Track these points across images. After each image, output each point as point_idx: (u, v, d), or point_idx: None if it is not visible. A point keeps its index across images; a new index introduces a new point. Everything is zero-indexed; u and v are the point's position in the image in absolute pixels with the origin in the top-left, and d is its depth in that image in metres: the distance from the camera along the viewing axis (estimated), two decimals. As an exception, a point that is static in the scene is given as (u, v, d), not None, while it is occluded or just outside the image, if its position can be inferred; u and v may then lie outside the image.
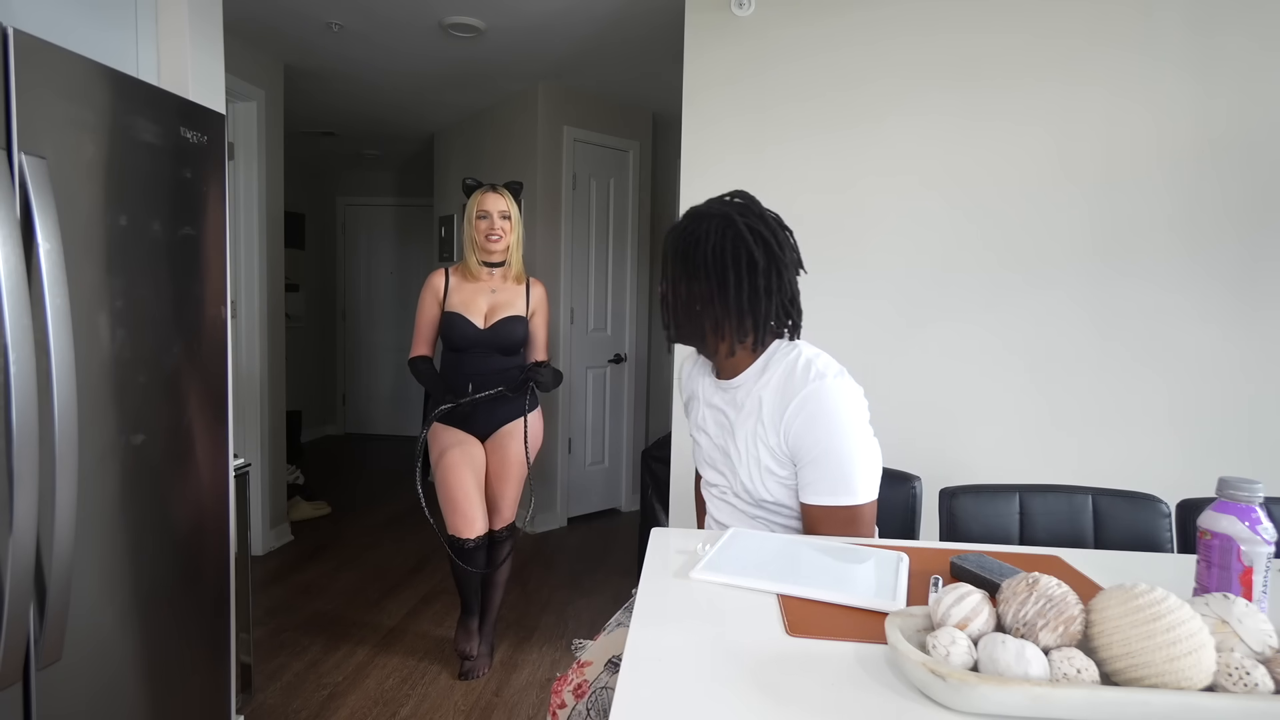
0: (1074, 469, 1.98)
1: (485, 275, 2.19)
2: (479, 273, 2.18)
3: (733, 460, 1.21)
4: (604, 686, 1.10)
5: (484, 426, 2.21)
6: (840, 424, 1.11)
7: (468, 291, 2.18)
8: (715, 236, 1.14)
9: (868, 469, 1.13)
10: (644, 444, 4.06)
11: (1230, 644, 0.66)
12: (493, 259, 2.18)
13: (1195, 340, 1.95)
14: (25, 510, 1.01)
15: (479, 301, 2.18)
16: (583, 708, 1.09)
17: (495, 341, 2.15)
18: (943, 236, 2.11)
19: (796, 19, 2.21)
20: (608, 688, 1.09)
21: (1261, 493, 0.83)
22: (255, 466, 3.15)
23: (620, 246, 3.92)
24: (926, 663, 0.65)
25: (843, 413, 1.11)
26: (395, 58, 3.19)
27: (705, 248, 1.14)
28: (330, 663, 2.29)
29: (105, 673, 1.24)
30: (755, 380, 1.19)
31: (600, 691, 1.10)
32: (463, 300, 2.17)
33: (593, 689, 1.10)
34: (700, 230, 1.16)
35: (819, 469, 1.12)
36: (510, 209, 2.17)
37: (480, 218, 2.14)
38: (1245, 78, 1.88)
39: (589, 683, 1.12)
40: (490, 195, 2.15)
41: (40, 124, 1.07)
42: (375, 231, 5.88)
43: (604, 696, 1.08)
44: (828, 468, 1.11)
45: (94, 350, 1.18)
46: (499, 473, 2.21)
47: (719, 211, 1.17)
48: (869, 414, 1.16)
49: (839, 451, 1.11)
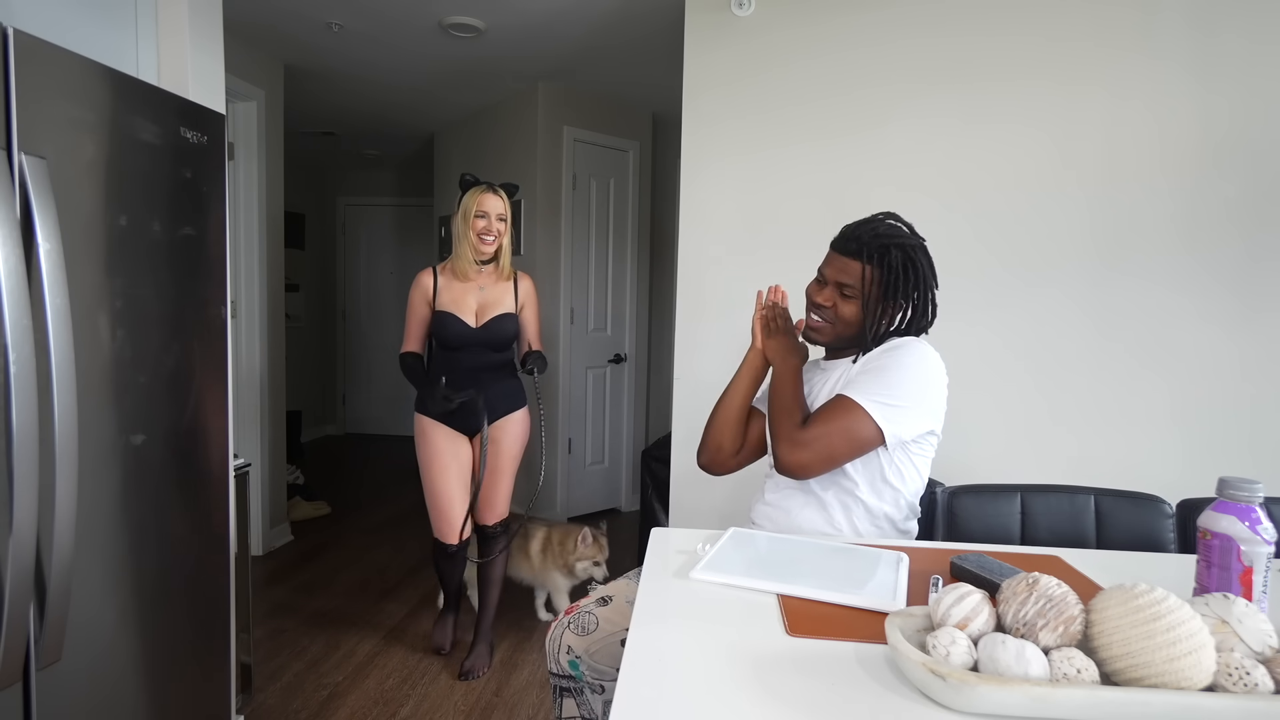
0: (1074, 469, 1.97)
1: (474, 273, 2.20)
2: (469, 271, 2.19)
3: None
4: (588, 610, 1.30)
5: (473, 424, 2.22)
6: (901, 358, 1.23)
7: (457, 290, 2.19)
8: (925, 267, 1.29)
9: (894, 396, 1.21)
10: (644, 444, 4.06)
11: (1230, 644, 0.66)
12: (483, 258, 2.20)
13: (1195, 340, 1.94)
14: (25, 510, 1.01)
15: (469, 300, 2.19)
16: (566, 620, 1.31)
17: (488, 340, 2.17)
18: (943, 237, 2.09)
19: (797, 19, 2.21)
20: (591, 612, 1.30)
21: (1261, 493, 0.83)
22: (255, 466, 3.15)
23: (620, 246, 3.92)
24: (926, 663, 0.65)
25: (913, 354, 1.24)
26: (395, 57, 3.18)
27: (920, 276, 1.28)
28: (330, 663, 2.29)
29: (105, 673, 1.24)
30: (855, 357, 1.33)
31: (584, 613, 1.30)
32: (453, 299, 2.18)
33: (580, 610, 1.31)
34: (919, 261, 1.28)
35: (864, 373, 1.25)
36: (506, 212, 2.20)
37: (479, 216, 2.15)
38: (1246, 77, 1.88)
39: (579, 606, 1.33)
40: (490, 196, 2.16)
41: (40, 124, 1.07)
42: (375, 231, 5.88)
43: (585, 618, 1.29)
44: (869, 372, 1.24)
45: (94, 350, 1.18)
46: (488, 468, 2.22)
47: (920, 242, 1.30)
48: (943, 390, 1.26)
49: (884, 368, 1.23)
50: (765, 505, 1.39)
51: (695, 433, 2.40)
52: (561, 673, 1.30)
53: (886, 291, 1.27)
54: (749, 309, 2.37)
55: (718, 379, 2.36)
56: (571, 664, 1.28)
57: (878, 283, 1.27)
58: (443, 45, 3.00)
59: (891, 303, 1.28)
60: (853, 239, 1.29)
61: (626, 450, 4.03)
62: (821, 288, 1.34)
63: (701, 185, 2.33)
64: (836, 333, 1.32)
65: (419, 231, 5.71)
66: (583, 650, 1.27)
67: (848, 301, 1.29)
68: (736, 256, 2.30)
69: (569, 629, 1.29)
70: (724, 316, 2.32)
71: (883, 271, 1.26)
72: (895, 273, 1.26)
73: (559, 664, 1.30)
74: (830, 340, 1.34)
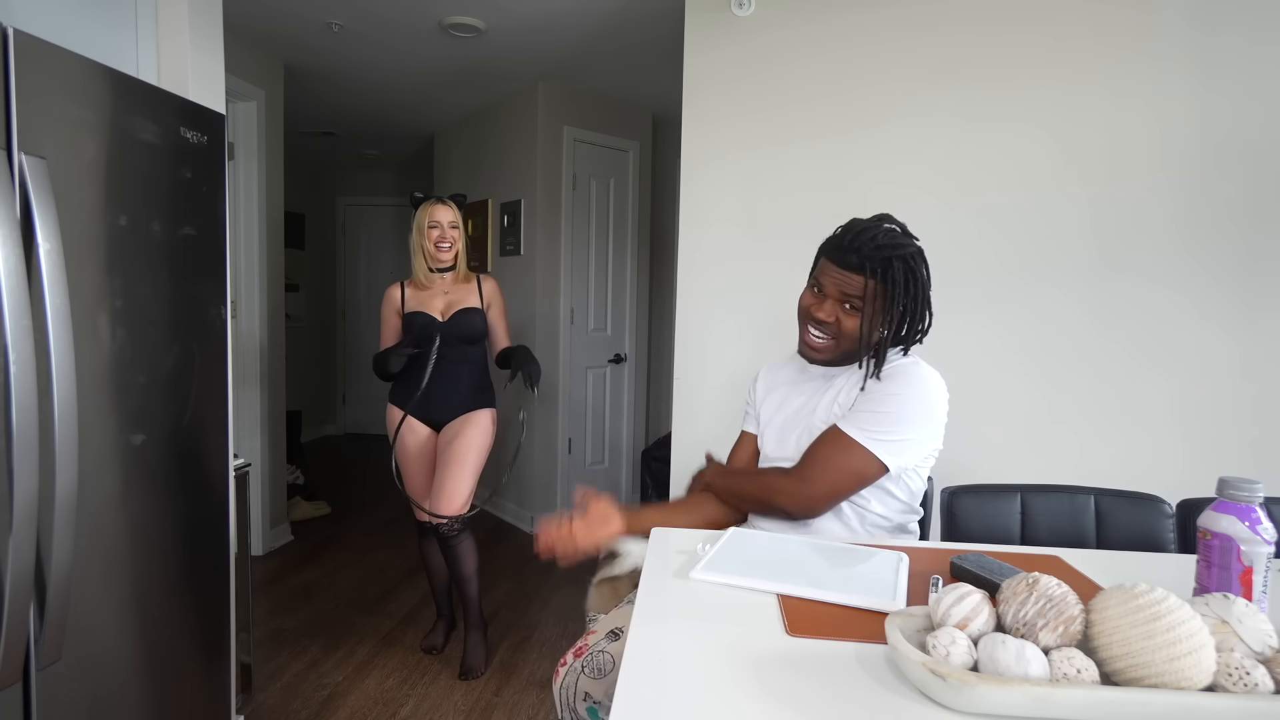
0: (1074, 468, 1.97)
1: (436, 281, 2.35)
2: (430, 280, 2.34)
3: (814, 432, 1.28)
4: (601, 650, 1.18)
5: (438, 417, 2.32)
6: (902, 388, 1.21)
7: (423, 297, 2.35)
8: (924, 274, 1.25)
9: (895, 430, 1.19)
10: (644, 444, 4.05)
11: (1230, 644, 0.66)
12: (442, 265, 2.33)
13: (1196, 340, 1.94)
14: (25, 510, 1.01)
15: (435, 302, 2.34)
16: (578, 665, 1.18)
17: (456, 331, 2.29)
18: (944, 236, 2.10)
19: (797, 19, 2.21)
20: (604, 651, 1.17)
21: (1261, 493, 0.83)
22: (255, 466, 3.15)
23: (620, 246, 3.92)
24: (926, 663, 0.65)
25: (915, 383, 1.21)
26: (395, 57, 3.18)
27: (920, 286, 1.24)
28: (330, 663, 2.29)
29: (105, 673, 1.24)
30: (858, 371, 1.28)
31: (597, 653, 1.18)
32: (419, 303, 2.34)
33: (591, 650, 1.19)
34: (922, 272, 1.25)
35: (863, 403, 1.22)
36: (457, 219, 2.34)
37: (431, 227, 2.30)
38: (1247, 76, 1.88)
39: (589, 646, 1.20)
40: (439, 206, 2.31)
41: (40, 124, 1.07)
42: (375, 231, 5.88)
43: (599, 658, 1.17)
44: (868, 405, 1.21)
45: (94, 350, 1.18)
46: (445, 461, 2.25)
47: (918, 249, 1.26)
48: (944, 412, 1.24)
49: (885, 398, 1.20)
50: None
51: (695, 433, 2.41)
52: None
53: (890, 305, 1.22)
54: (750, 309, 2.39)
55: (718, 379, 2.37)
56: (590, 711, 1.17)
57: (882, 296, 1.21)
58: (442, 45, 3.00)
59: (894, 314, 1.23)
60: (853, 250, 1.22)
61: (626, 450, 4.03)
62: (821, 302, 1.26)
63: (702, 184, 2.33)
64: (841, 349, 1.26)
65: (419, 231, 5.70)
66: (602, 694, 1.15)
67: (850, 316, 1.23)
68: (737, 256, 2.30)
69: (583, 673, 1.17)
70: (724, 316, 2.32)
71: (887, 285, 1.21)
72: (899, 285, 1.21)
73: (575, 713, 1.18)
74: (832, 359, 1.29)
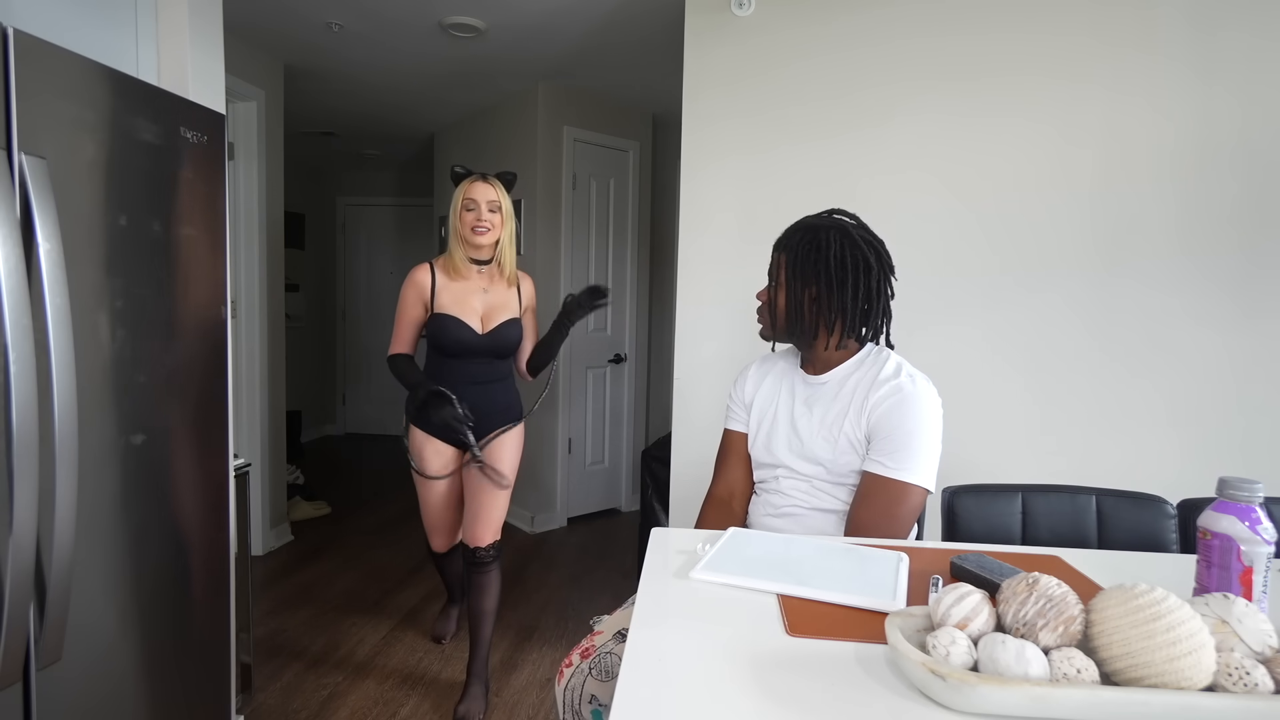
0: (1075, 469, 1.97)
1: (474, 273, 1.99)
2: (466, 270, 1.98)
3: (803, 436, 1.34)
4: (608, 651, 1.18)
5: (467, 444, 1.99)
6: (917, 414, 1.24)
7: (457, 291, 1.97)
8: (836, 245, 1.29)
9: (928, 459, 1.24)
10: (644, 444, 4.05)
11: (1230, 644, 0.66)
12: (480, 255, 1.99)
13: (1195, 342, 1.94)
14: (25, 510, 1.01)
15: (472, 302, 1.97)
16: (585, 666, 1.18)
17: (494, 348, 1.99)
18: (944, 237, 2.11)
19: (797, 19, 2.21)
20: (612, 653, 1.17)
21: (1261, 493, 0.83)
22: (255, 466, 3.15)
23: (620, 246, 3.92)
24: (926, 663, 0.65)
25: (924, 407, 1.25)
26: (395, 57, 3.18)
27: (828, 254, 1.29)
28: (330, 663, 2.29)
29: (105, 673, 1.24)
30: (848, 376, 1.33)
31: (604, 655, 1.18)
32: (454, 300, 1.96)
33: (598, 652, 1.19)
34: (821, 239, 1.30)
35: (889, 442, 1.24)
36: (501, 200, 1.96)
37: (467, 209, 1.94)
38: (1248, 75, 1.88)
39: (595, 647, 1.20)
40: (479, 184, 1.94)
41: (40, 124, 1.07)
42: (375, 231, 5.88)
43: (607, 660, 1.17)
44: (895, 442, 1.24)
45: (94, 350, 1.18)
46: (481, 487, 1.99)
47: (834, 224, 1.33)
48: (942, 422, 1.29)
49: (909, 433, 1.24)
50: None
51: (695, 433, 2.41)
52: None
53: (794, 272, 1.31)
54: (750, 309, 2.38)
55: (718, 380, 2.37)
56: (595, 714, 1.15)
57: (785, 266, 1.33)
58: (442, 45, 3.00)
59: (810, 284, 1.30)
60: (782, 235, 1.37)
61: (626, 450, 4.03)
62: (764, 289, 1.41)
63: (702, 184, 2.33)
64: (779, 326, 1.37)
65: (419, 232, 5.71)
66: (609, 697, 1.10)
67: (779, 293, 1.35)
68: (737, 256, 2.29)
69: (590, 675, 1.16)
70: (725, 317, 2.32)
71: (788, 255, 1.33)
72: (795, 253, 1.31)
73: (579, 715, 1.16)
74: (770, 332, 1.39)
